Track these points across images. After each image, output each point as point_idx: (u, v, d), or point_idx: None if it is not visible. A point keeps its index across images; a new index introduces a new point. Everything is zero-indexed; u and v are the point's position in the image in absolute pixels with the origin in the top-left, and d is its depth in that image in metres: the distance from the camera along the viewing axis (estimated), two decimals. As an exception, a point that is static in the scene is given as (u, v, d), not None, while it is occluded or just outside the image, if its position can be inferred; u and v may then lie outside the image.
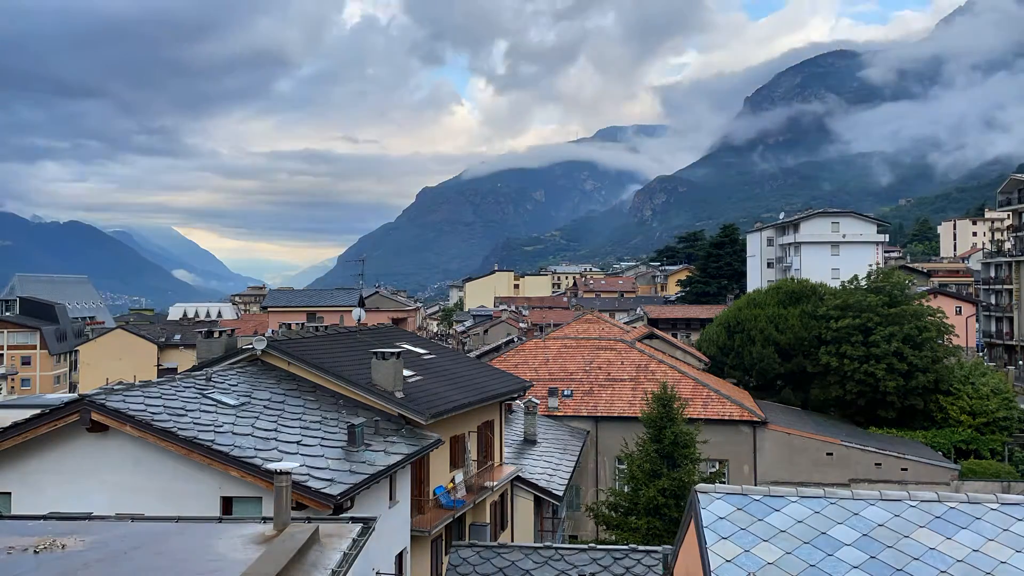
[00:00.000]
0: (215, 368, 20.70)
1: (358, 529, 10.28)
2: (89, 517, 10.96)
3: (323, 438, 17.67)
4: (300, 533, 9.42)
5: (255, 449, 15.69)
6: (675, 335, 73.06)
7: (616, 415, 42.00)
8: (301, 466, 15.24)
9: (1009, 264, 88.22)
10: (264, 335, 30.58)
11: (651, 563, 15.71)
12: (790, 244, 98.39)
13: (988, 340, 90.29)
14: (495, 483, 27.01)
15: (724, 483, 29.60)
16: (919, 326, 49.73)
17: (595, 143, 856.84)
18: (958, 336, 61.28)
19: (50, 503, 13.87)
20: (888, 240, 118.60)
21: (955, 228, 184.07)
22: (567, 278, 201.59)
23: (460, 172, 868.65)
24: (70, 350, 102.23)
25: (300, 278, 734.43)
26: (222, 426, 16.27)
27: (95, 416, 15.26)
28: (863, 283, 54.60)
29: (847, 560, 8.89)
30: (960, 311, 79.81)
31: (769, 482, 35.55)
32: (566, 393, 43.69)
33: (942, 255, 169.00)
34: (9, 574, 8.50)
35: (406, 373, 22.44)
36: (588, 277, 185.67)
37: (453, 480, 24.43)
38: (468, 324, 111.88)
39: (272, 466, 11.11)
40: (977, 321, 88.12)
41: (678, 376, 43.72)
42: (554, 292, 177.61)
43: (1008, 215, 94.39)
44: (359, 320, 34.84)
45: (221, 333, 23.38)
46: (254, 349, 21.44)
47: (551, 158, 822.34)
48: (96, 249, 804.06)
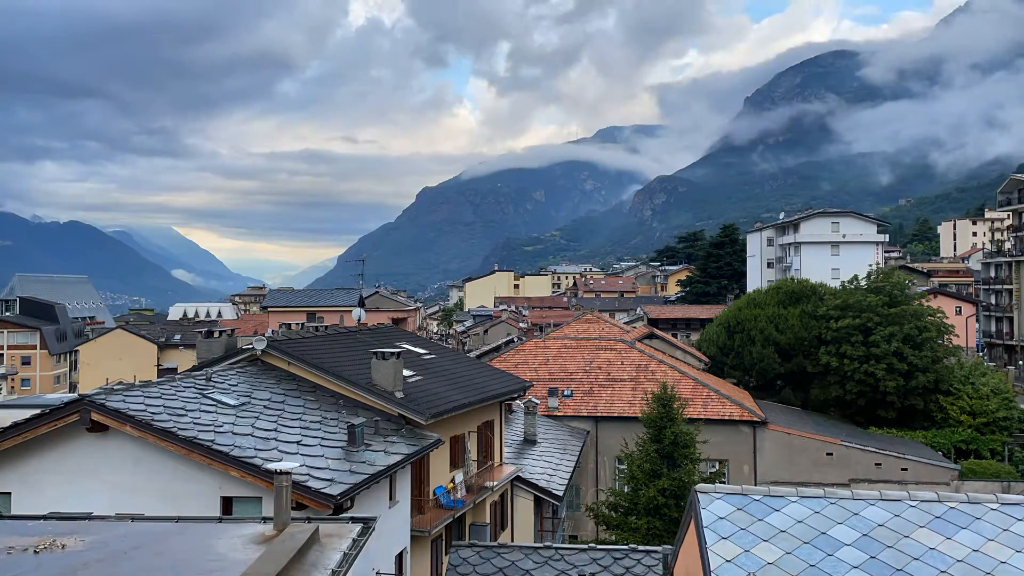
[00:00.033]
0: (215, 368, 20.70)
1: (358, 529, 10.28)
2: (89, 517, 10.95)
3: (323, 438, 17.68)
4: (300, 533, 9.41)
5: (255, 449, 15.69)
6: (675, 335, 73.06)
7: (616, 415, 42.00)
8: (301, 466, 15.24)
9: (1009, 264, 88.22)
10: (264, 335, 30.58)
11: (651, 563, 15.71)
12: (790, 244, 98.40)
13: (988, 340, 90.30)
14: (495, 483, 27.01)
15: (724, 483, 29.60)
16: (919, 326, 49.74)
17: (595, 143, 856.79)
18: (958, 336, 61.29)
19: (50, 503, 13.86)
20: (888, 240, 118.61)
21: (955, 228, 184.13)
22: (567, 278, 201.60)
23: (460, 172, 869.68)
24: (70, 350, 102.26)
25: (300, 278, 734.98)
26: (222, 426, 16.27)
27: (95, 416, 15.27)
28: (863, 283, 54.61)
29: (847, 560, 8.89)
30: (960, 311, 79.82)
31: (769, 482, 35.55)
32: (566, 393, 43.69)
33: (942, 255, 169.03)
34: (9, 574, 8.50)
35: (406, 373, 22.44)
36: (588, 277, 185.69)
37: (453, 480, 24.43)
38: (468, 324, 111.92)
39: (272, 466, 11.10)
40: (977, 321, 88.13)
41: (678, 376, 43.73)
42: (554, 292, 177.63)
43: (1008, 215, 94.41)
44: (359, 320, 34.83)
45: (221, 333, 23.38)
46: (254, 349, 21.44)
47: (551, 158, 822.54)
48: (96, 249, 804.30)
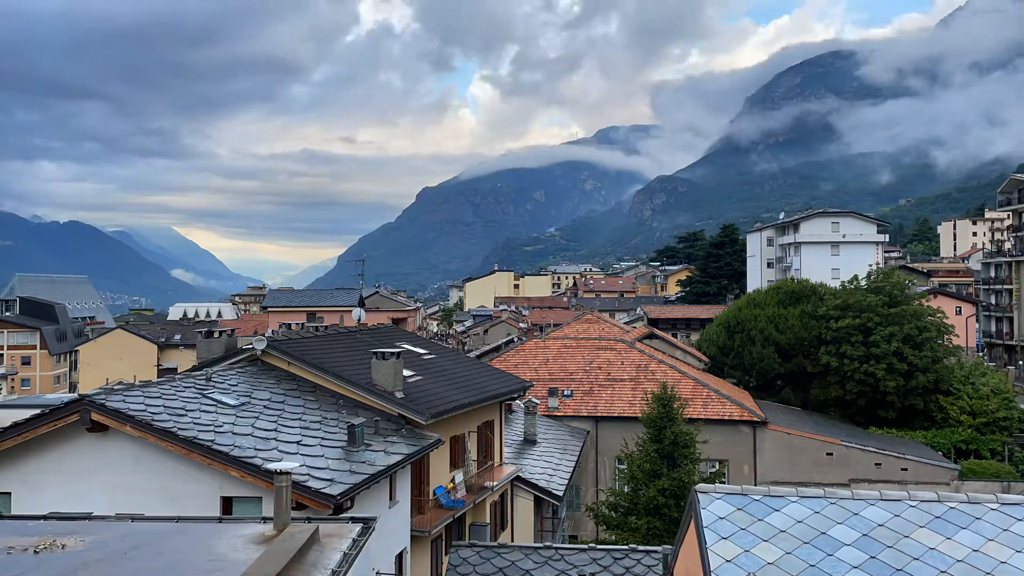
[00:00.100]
0: (215, 368, 20.70)
1: (358, 529, 10.28)
2: (89, 517, 10.95)
3: (323, 438, 17.67)
4: (300, 533, 9.41)
5: (255, 449, 15.69)
6: (675, 335, 73.06)
7: (616, 415, 42.00)
8: (301, 466, 15.24)
9: (1009, 264, 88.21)
10: (264, 335, 30.58)
11: (651, 563, 15.70)
12: (790, 244, 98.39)
13: (988, 340, 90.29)
14: (495, 483, 27.00)
15: (724, 483, 29.60)
16: (919, 326, 49.74)
17: (595, 143, 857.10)
18: (958, 336, 61.29)
19: (50, 503, 13.86)
20: (888, 240, 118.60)
21: (955, 228, 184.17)
22: (567, 278, 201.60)
23: (460, 172, 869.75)
24: (70, 350, 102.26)
25: (300, 278, 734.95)
26: (222, 426, 16.27)
27: (95, 416, 15.27)
28: (863, 283, 54.61)
29: (847, 560, 8.89)
30: (960, 311, 79.82)
31: (769, 482, 35.55)
32: (566, 393, 43.68)
33: (942, 255, 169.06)
34: (9, 574, 8.50)
35: (406, 373, 22.44)
36: (588, 277, 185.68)
37: (453, 480, 24.42)
38: (468, 324, 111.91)
39: (272, 466, 11.10)
40: (977, 321, 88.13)
41: (678, 376, 43.72)
42: (554, 292, 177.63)
43: (1008, 215, 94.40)
44: (359, 320, 34.81)
45: (221, 333, 23.38)
46: (254, 349, 21.44)
47: (551, 158, 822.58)
48: (96, 249, 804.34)
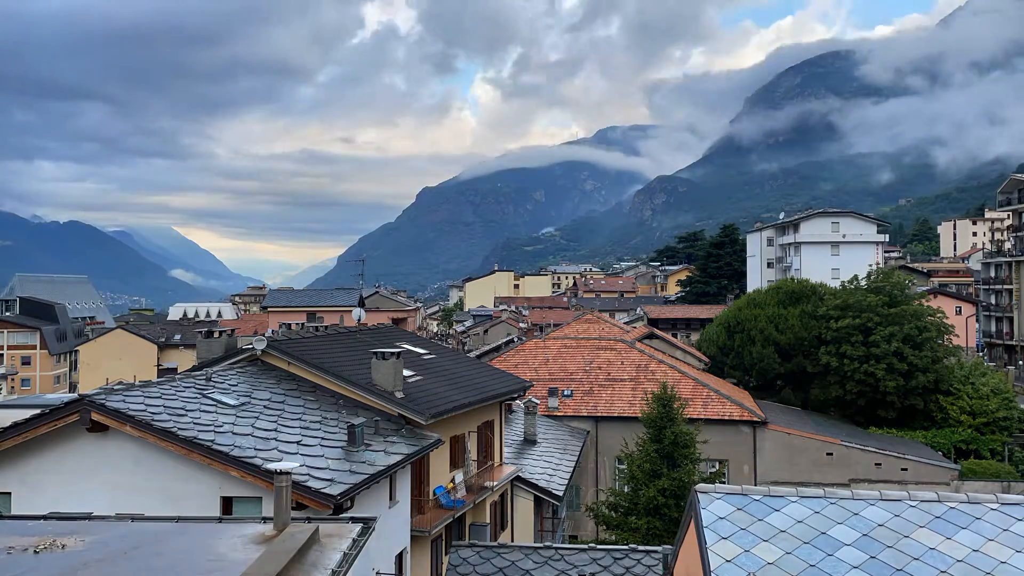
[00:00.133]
0: (215, 368, 20.70)
1: (358, 529, 10.27)
2: (89, 517, 10.95)
3: (323, 438, 17.67)
4: (300, 533, 9.41)
5: (255, 449, 15.69)
6: (675, 335, 73.06)
7: (616, 415, 42.00)
8: (301, 466, 15.24)
9: (1009, 264, 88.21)
10: (264, 335, 30.58)
11: (651, 563, 15.70)
12: (790, 244, 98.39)
13: (988, 340, 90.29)
14: (495, 483, 27.00)
15: (724, 483, 29.60)
16: (919, 326, 49.74)
17: (595, 143, 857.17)
18: (958, 336, 61.28)
19: (50, 503, 13.86)
20: (888, 240, 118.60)
21: (955, 228, 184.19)
22: (567, 278, 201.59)
23: (460, 172, 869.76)
24: (70, 350, 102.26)
25: (300, 278, 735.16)
26: (222, 426, 16.27)
27: (95, 416, 15.26)
28: (863, 283, 54.61)
29: (847, 560, 8.89)
30: (960, 311, 79.81)
31: (769, 482, 35.55)
32: (566, 393, 43.68)
33: (942, 255, 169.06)
34: (9, 574, 8.50)
35: (406, 373, 22.44)
36: (588, 277, 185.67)
37: (453, 480, 24.42)
38: (468, 324, 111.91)
39: (272, 466, 11.10)
40: (977, 321, 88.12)
41: (678, 376, 43.72)
42: (554, 292, 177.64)
43: (1008, 215, 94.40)
44: (359, 320, 34.80)
45: (221, 333, 23.38)
46: (254, 349, 21.44)
47: (551, 158, 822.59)
48: (96, 249, 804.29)
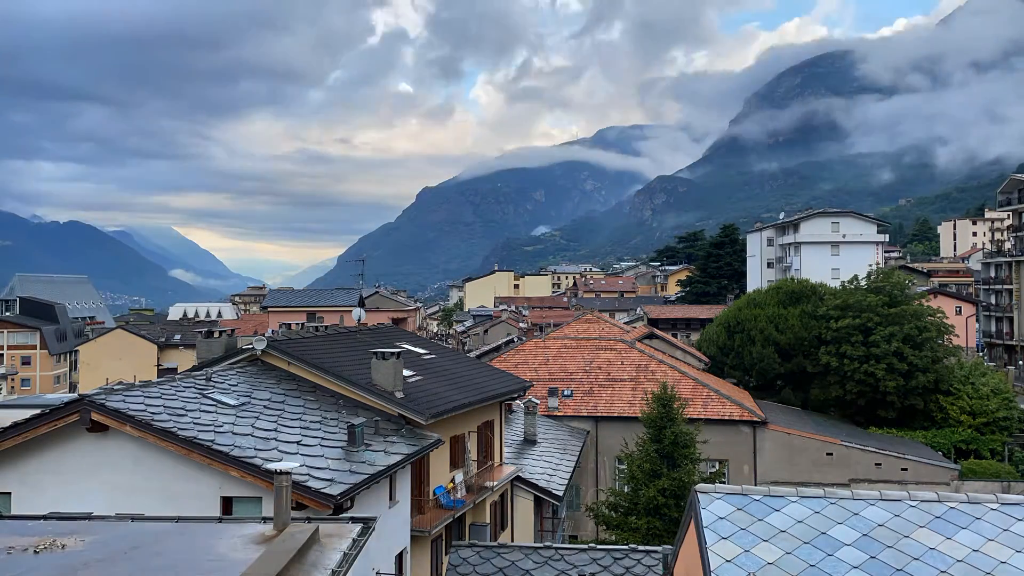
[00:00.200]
0: (215, 368, 20.70)
1: (358, 529, 10.27)
2: (89, 517, 10.95)
3: (323, 438, 17.67)
4: (300, 533, 9.41)
5: (255, 449, 15.68)
6: (675, 335, 73.06)
7: (616, 415, 41.99)
8: (301, 466, 15.24)
9: (1009, 264, 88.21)
10: (264, 335, 30.59)
11: (651, 563, 15.70)
12: (790, 244, 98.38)
13: (988, 340, 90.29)
14: (495, 483, 27.00)
15: (724, 483, 29.60)
16: (919, 326, 49.73)
17: (595, 143, 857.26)
18: (958, 336, 61.27)
19: (50, 503, 13.86)
20: (888, 240, 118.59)
21: (955, 228, 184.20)
22: (567, 278, 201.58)
23: (460, 172, 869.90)
24: (70, 350, 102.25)
25: (300, 278, 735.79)
26: (222, 426, 16.27)
27: (95, 416, 15.26)
28: (863, 283, 54.60)
29: (847, 560, 8.89)
30: (960, 311, 79.80)
31: (769, 482, 35.55)
32: (566, 393, 43.68)
33: (942, 255, 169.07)
34: (9, 574, 8.50)
35: (406, 373, 22.44)
36: (588, 277, 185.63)
37: (453, 480, 24.42)
38: (468, 324, 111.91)
39: (272, 466, 11.10)
40: (977, 321, 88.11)
41: (678, 376, 43.72)
42: (554, 292, 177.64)
43: (1008, 215, 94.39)
44: (359, 320, 34.79)
45: (221, 333, 23.38)
46: (254, 349, 21.44)
47: (551, 158, 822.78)
48: (96, 249, 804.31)
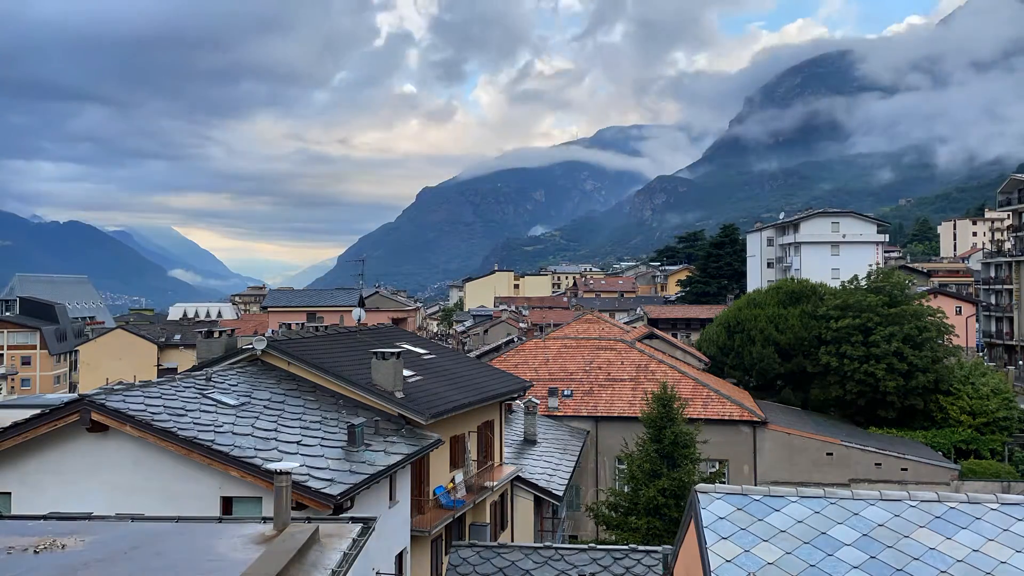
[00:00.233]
0: (215, 368, 20.69)
1: (358, 529, 10.27)
2: (89, 517, 10.94)
3: (323, 438, 17.67)
4: (300, 533, 9.41)
5: (255, 449, 15.68)
6: (675, 335, 73.06)
7: (616, 415, 41.99)
8: (301, 466, 15.24)
9: (1009, 264, 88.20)
10: (264, 335, 30.59)
11: (651, 563, 15.70)
12: (790, 244, 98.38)
13: (988, 340, 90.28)
14: (495, 483, 27.00)
15: (724, 483, 29.59)
16: (919, 326, 49.72)
17: (595, 143, 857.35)
18: (958, 336, 61.27)
19: (50, 503, 13.86)
20: (888, 240, 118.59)
21: (955, 228, 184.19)
22: (567, 278, 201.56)
23: (460, 172, 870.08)
24: (70, 350, 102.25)
25: (300, 278, 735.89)
26: (222, 426, 16.27)
27: (95, 416, 15.26)
28: (863, 283, 54.59)
29: (847, 560, 8.88)
30: (960, 311, 79.79)
31: (769, 482, 35.55)
32: (566, 393, 43.68)
33: (942, 255, 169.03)
34: (9, 574, 8.49)
35: (406, 373, 22.43)
36: (588, 277, 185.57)
37: (453, 480, 24.42)
38: (468, 324, 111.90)
39: (272, 466, 11.09)
40: (977, 321, 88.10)
41: (678, 376, 43.72)
42: (554, 292, 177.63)
43: (1008, 215, 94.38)
44: (359, 320, 34.79)
45: (221, 333, 23.38)
46: (254, 349, 21.44)
47: (551, 158, 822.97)
48: (96, 249, 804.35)
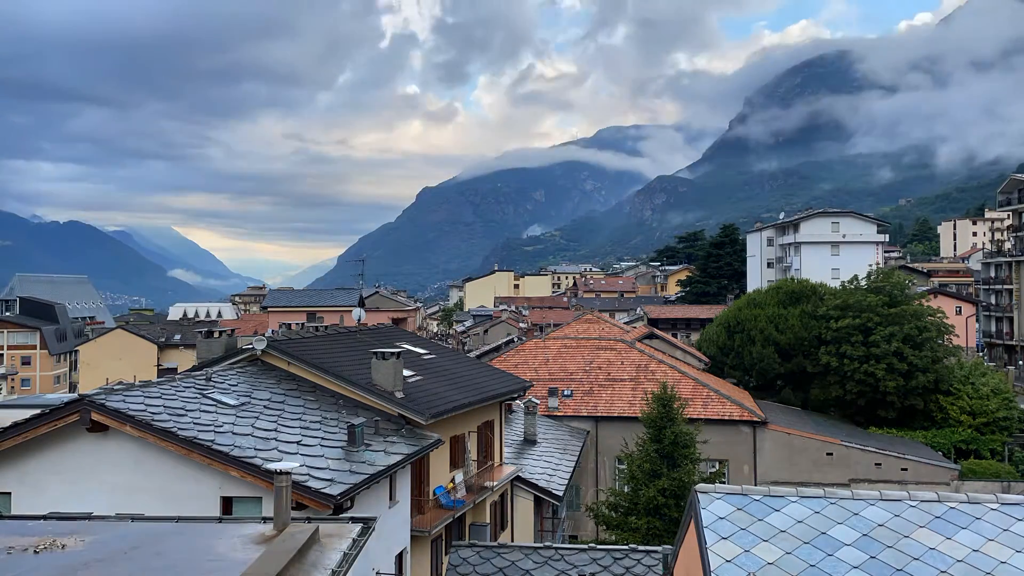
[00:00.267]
0: (215, 368, 20.69)
1: (358, 529, 10.28)
2: (89, 517, 10.95)
3: (323, 438, 17.67)
4: (300, 533, 9.41)
5: (255, 449, 15.68)
6: (675, 335, 73.06)
7: (616, 415, 41.99)
8: (301, 466, 15.24)
9: (1009, 264, 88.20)
10: (264, 335, 30.59)
11: (651, 563, 15.70)
12: (790, 244, 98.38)
13: (988, 340, 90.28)
14: (495, 483, 27.00)
15: (724, 483, 29.59)
16: (919, 326, 49.72)
17: (595, 143, 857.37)
18: (958, 336, 61.25)
19: (50, 503, 13.86)
20: (888, 240, 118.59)
21: (955, 228, 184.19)
22: (567, 278, 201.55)
23: (460, 172, 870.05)
24: (70, 350, 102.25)
25: (300, 278, 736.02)
26: (222, 426, 16.26)
27: (95, 416, 15.26)
28: (863, 283, 54.59)
29: (847, 560, 8.88)
30: (960, 311, 79.78)
31: (769, 482, 35.55)
32: (566, 393, 43.68)
33: (942, 255, 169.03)
34: (9, 574, 8.49)
35: (406, 373, 22.43)
36: (588, 277, 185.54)
37: (453, 480, 24.42)
38: (468, 324, 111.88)
39: (272, 466, 11.09)
40: (977, 321, 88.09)
41: (678, 376, 43.71)
42: (554, 292, 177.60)
43: (1008, 215, 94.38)
44: (359, 320, 34.79)
45: (221, 333, 23.39)
46: (254, 349, 21.44)
47: (551, 158, 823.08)
48: (96, 249, 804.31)
